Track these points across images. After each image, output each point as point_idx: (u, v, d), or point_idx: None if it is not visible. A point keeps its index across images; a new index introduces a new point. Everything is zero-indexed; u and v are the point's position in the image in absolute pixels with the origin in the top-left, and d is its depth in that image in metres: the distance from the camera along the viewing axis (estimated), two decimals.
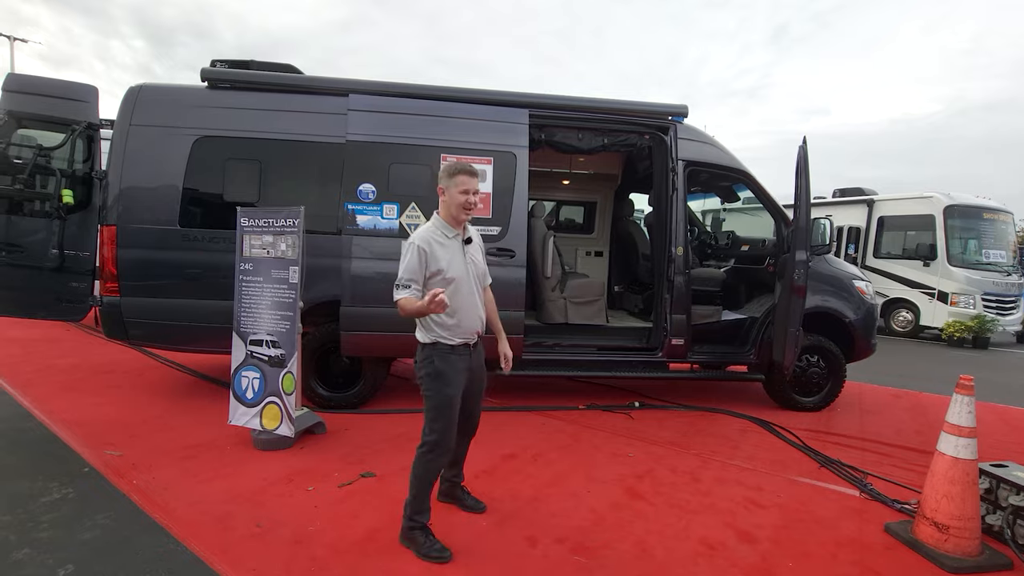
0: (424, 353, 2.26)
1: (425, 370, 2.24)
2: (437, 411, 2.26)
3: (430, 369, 2.24)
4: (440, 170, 2.33)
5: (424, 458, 2.30)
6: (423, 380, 2.25)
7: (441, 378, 2.24)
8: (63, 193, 3.85)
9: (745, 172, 4.60)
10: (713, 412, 4.54)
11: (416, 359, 2.30)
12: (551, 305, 4.73)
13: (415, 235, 2.21)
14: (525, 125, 4.26)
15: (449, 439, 2.31)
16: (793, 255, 3.96)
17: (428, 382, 2.24)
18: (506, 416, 4.24)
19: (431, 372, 2.24)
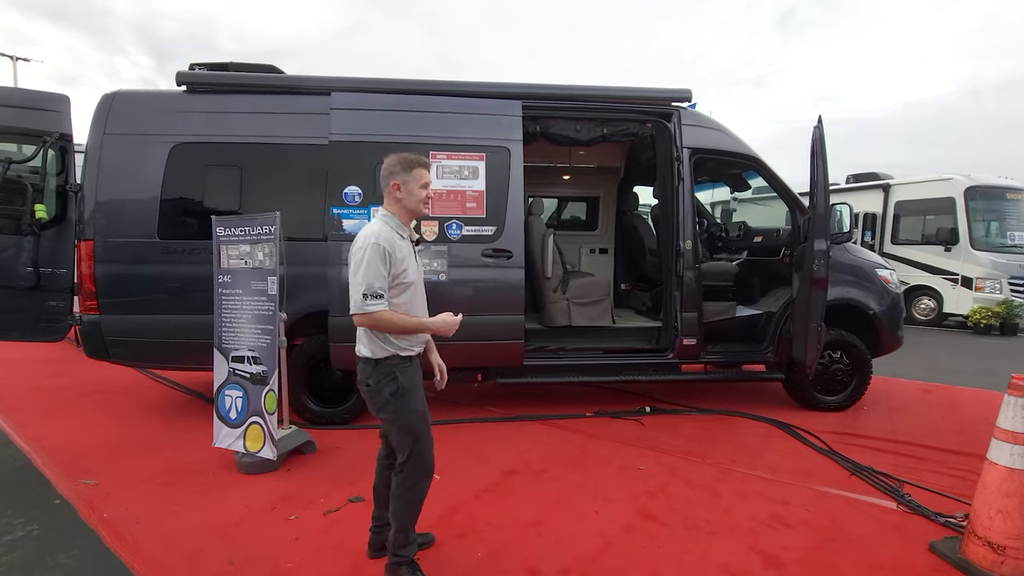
0: (381, 370, 1.97)
1: (388, 389, 1.96)
2: (411, 432, 2.02)
3: (393, 387, 1.97)
4: (389, 162, 2.01)
5: (405, 486, 2.05)
6: (387, 402, 1.97)
7: (408, 394, 1.99)
8: (36, 208, 3.67)
9: (755, 158, 4.31)
10: (730, 416, 4.26)
11: (367, 380, 1.97)
12: (553, 307, 4.48)
13: (370, 233, 1.92)
14: (518, 117, 4.01)
15: (431, 458, 2.08)
16: (812, 244, 3.67)
17: (394, 403, 1.98)
18: (509, 427, 4.00)
19: (395, 390, 1.97)
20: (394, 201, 2.03)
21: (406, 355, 2.00)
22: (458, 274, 3.84)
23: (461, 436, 3.78)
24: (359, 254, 1.90)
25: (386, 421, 2.06)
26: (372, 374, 1.96)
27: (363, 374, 1.99)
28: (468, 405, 4.46)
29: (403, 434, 2.01)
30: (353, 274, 1.89)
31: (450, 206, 3.89)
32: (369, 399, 2.01)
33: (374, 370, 1.96)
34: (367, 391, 1.99)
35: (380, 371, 1.95)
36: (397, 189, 2.01)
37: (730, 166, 4.92)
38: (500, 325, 3.92)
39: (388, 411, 1.99)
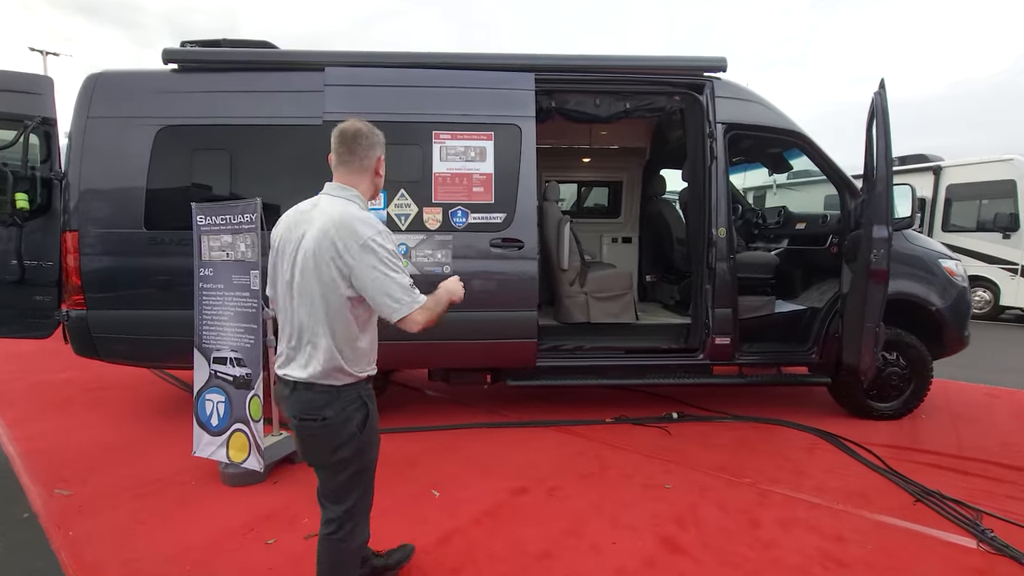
0: (346, 397, 1.55)
1: (357, 419, 1.56)
2: (365, 475, 1.65)
3: (363, 415, 1.58)
4: (370, 132, 1.63)
5: (339, 551, 1.67)
6: (352, 437, 1.55)
7: (374, 426, 1.63)
8: (17, 197, 3.46)
9: (801, 134, 3.80)
10: (768, 424, 3.81)
11: (321, 412, 1.52)
12: (570, 302, 4.09)
13: (373, 220, 1.52)
14: (531, 92, 3.61)
15: (371, 502, 1.75)
16: (869, 231, 3.17)
17: (360, 437, 1.58)
18: (519, 434, 3.65)
19: (365, 419, 1.59)
20: (370, 181, 1.66)
21: (370, 373, 1.63)
22: (463, 266, 3.49)
23: (466, 444, 3.45)
24: (379, 243, 1.47)
25: (332, 466, 1.57)
26: (331, 404, 1.52)
27: (313, 406, 1.51)
28: (476, 408, 4.13)
29: (355, 479, 1.62)
30: (384, 270, 1.46)
31: (455, 191, 3.53)
32: (324, 437, 1.53)
33: (335, 399, 1.53)
34: (323, 427, 1.52)
35: (345, 398, 1.54)
36: (378, 170, 1.66)
37: (770, 144, 4.41)
38: (510, 322, 3.56)
39: (349, 448, 1.55)
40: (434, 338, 3.61)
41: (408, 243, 3.47)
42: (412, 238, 3.48)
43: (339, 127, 1.62)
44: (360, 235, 1.46)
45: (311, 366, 1.52)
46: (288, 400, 1.56)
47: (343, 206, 1.53)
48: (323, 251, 1.47)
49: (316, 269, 1.48)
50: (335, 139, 1.62)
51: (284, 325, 1.58)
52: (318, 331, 1.51)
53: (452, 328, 3.58)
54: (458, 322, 3.55)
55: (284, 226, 1.61)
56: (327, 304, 1.50)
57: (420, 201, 3.49)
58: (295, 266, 1.52)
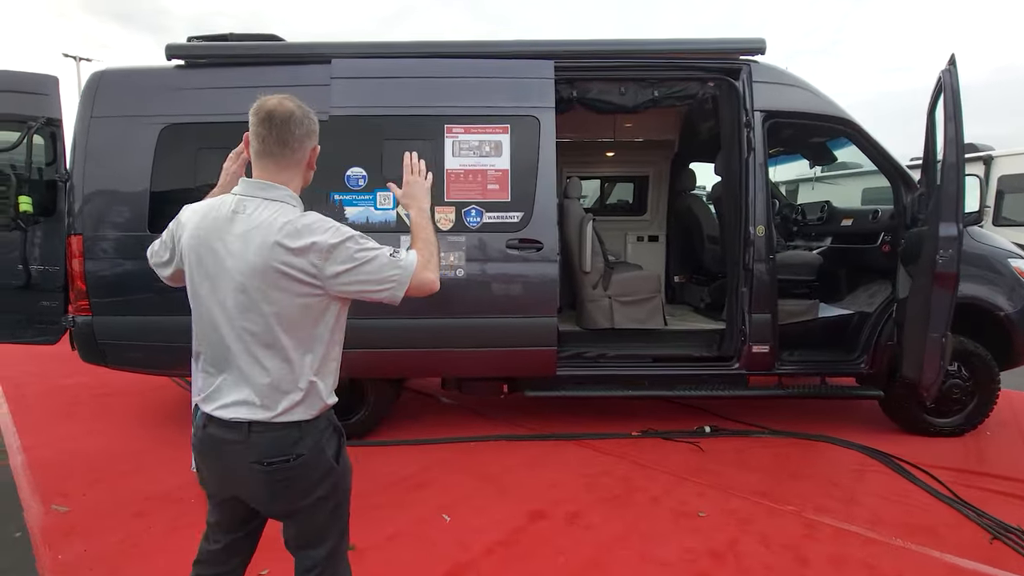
0: (315, 428, 1.28)
1: (331, 450, 1.31)
2: (343, 506, 1.39)
3: (335, 444, 1.33)
4: (304, 116, 1.28)
5: None
6: (328, 471, 1.30)
7: (345, 452, 1.39)
8: (20, 200, 3.38)
9: (849, 120, 3.44)
10: (811, 440, 3.48)
11: (292, 451, 1.24)
12: (592, 306, 3.82)
13: (321, 220, 1.25)
14: (550, 80, 3.34)
15: None
16: (935, 229, 2.80)
17: (341, 467, 1.34)
18: (538, 448, 3.41)
19: (338, 448, 1.34)
20: (301, 178, 1.35)
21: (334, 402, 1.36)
22: (477, 269, 3.26)
23: (481, 459, 3.23)
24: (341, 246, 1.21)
25: (310, 507, 1.30)
26: (303, 439, 1.26)
27: (282, 445, 1.24)
28: (492, 418, 3.90)
29: (336, 514, 1.36)
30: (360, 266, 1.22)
31: (468, 189, 3.29)
32: (300, 479, 1.26)
33: (307, 432, 1.27)
34: (298, 467, 1.25)
35: (316, 429, 1.29)
36: (312, 161, 1.35)
37: (813, 133, 4.04)
38: (528, 329, 3.32)
39: (327, 484, 1.30)
40: (446, 345, 3.44)
41: None
42: None
43: (263, 106, 1.25)
44: (321, 245, 1.20)
45: (272, 400, 1.23)
46: (241, 448, 1.23)
47: (278, 213, 1.22)
48: (274, 276, 1.20)
49: (267, 292, 1.21)
50: (258, 122, 1.25)
51: (217, 357, 1.26)
52: (277, 358, 1.23)
53: (466, 335, 3.37)
54: (472, 329, 3.35)
55: (192, 235, 1.28)
56: (288, 327, 1.23)
57: (431, 200, 3.26)
58: (230, 289, 1.22)
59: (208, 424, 1.27)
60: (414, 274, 1.29)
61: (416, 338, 3.29)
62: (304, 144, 1.30)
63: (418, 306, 3.27)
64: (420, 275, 1.30)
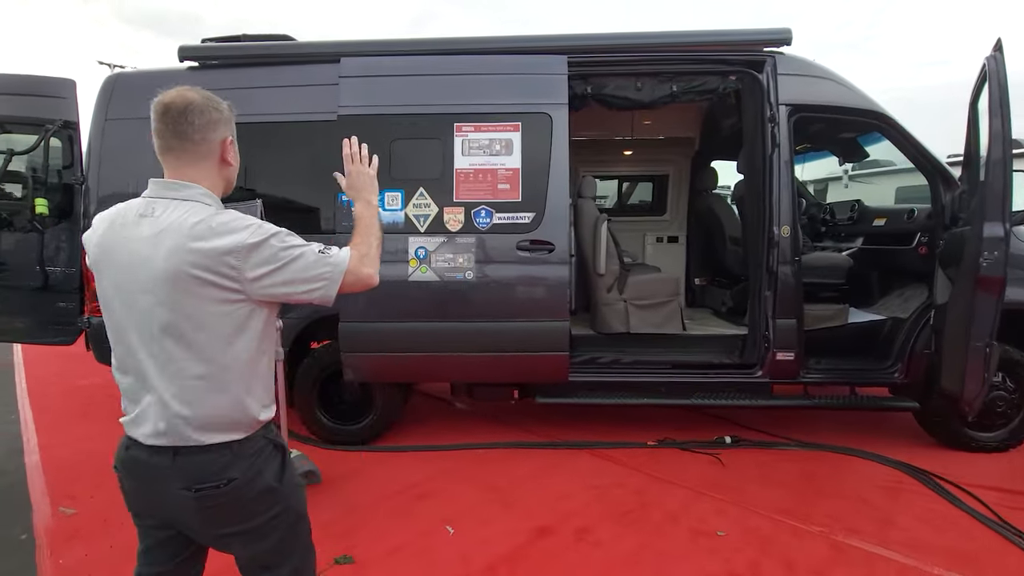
0: (254, 445, 1.18)
1: (270, 472, 1.19)
2: (301, 523, 1.29)
3: (276, 465, 1.22)
4: (209, 104, 1.17)
5: None
6: (268, 493, 1.19)
7: (292, 468, 1.28)
8: (36, 202, 3.42)
9: (882, 114, 3.23)
10: (840, 453, 3.27)
11: (223, 476, 1.14)
12: (607, 310, 3.68)
13: (237, 218, 1.13)
14: (563, 76, 3.22)
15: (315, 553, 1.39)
16: (979, 229, 2.59)
17: (280, 490, 1.21)
18: (549, 457, 3.29)
19: (280, 468, 1.23)
20: (216, 173, 1.21)
21: (272, 417, 1.26)
22: (487, 271, 3.17)
23: (489, 468, 3.13)
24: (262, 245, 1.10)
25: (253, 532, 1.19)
26: (235, 462, 1.15)
27: (211, 470, 1.13)
28: (504, 424, 3.80)
29: (292, 532, 1.26)
30: (286, 264, 1.12)
31: (478, 189, 3.20)
32: (234, 504, 1.15)
33: (239, 455, 1.16)
34: (230, 492, 1.14)
35: (250, 450, 1.17)
36: (227, 153, 1.21)
37: (843, 128, 3.83)
38: (539, 333, 3.21)
39: (269, 507, 1.19)
40: (454, 350, 3.35)
41: (427, 246, 3.18)
42: (431, 241, 3.18)
43: (161, 100, 1.14)
44: (239, 245, 1.08)
45: (195, 422, 1.12)
46: (165, 473, 1.13)
47: (189, 213, 1.11)
48: (188, 282, 1.08)
49: (182, 301, 1.09)
50: (156, 117, 1.14)
51: (136, 378, 1.16)
52: (197, 375, 1.12)
53: (474, 339, 3.28)
54: (481, 333, 3.25)
55: (98, 246, 1.16)
56: (209, 339, 1.12)
57: (440, 200, 3.19)
58: (142, 302, 1.11)
59: (132, 446, 1.17)
60: (348, 270, 1.19)
61: (423, 342, 3.21)
62: (208, 135, 1.16)
63: (426, 309, 3.26)
64: (356, 270, 1.20)
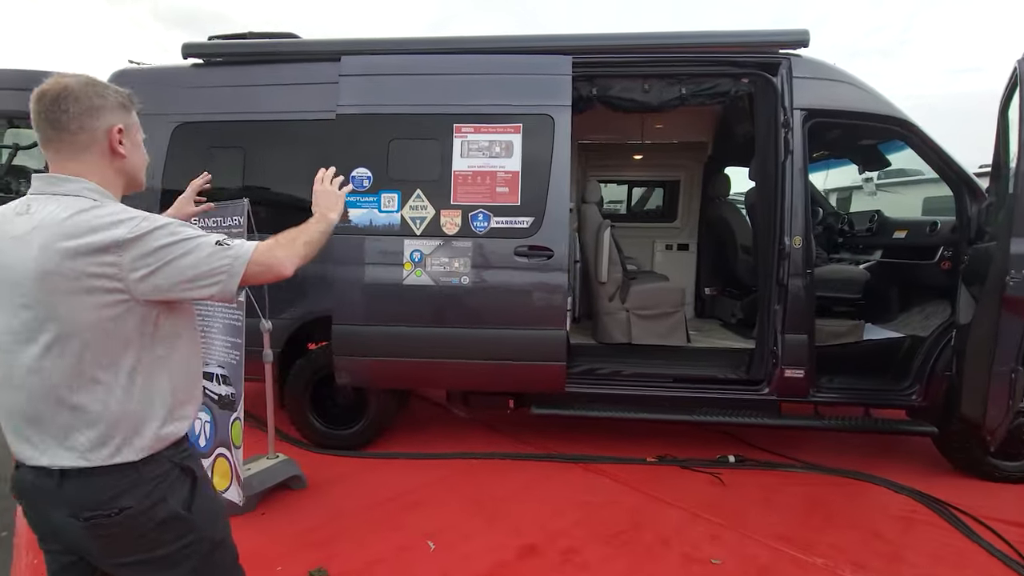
0: (156, 468, 1.08)
1: (175, 499, 1.09)
2: (219, 551, 1.18)
3: (185, 489, 1.11)
4: (90, 91, 1.07)
5: None
6: (177, 521, 1.09)
7: (208, 492, 1.19)
8: None
9: (904, 120, 3.05)
10: (851, 478, 3.10)
11: (131, 501, 1.04)
12: (609, 319, 3.56)
13: (120, 210, 1.04)
14: (567, 77, 3.12)
15: None
16: (1005, 245, 2.40)
17: (196, 515, 1.12)
18: (542, 470, 3.18)
19: (189, 494, 1.12)
20: (106, 164, 1.10)
21: (184, 433, 1.15)
22: (484, 277, 3.08)
23: (481, 479, 3.03)
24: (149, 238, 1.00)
25: (159, 561, 1.09)
26: (130, 490, 1.04)
27: (99, 499, 1.02)
28: (503, 434, 3.70)
29: (209, 563, 1.15)
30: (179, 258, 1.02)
31: (476, 192, 3.11)
32: (130, 534, 1.05)
33: (137, 481, 1.05)
34: (124, 521, 1.03)
35: (150, 475, 1.06)
36: (118, 144, 1.10)
37: (862, 134, 3.65)
38: (535, 342, 3.11)
39: (176, 539, 1.09)
40: (449, 356, 3.26)
41: (423, 249, 3.10)
42: (427, 244, 3.10)
43: (38, 87, 1.06)
44: (118, 241, 0.98)
45: (81, 443, 1.01)
46: (51, 497, 1.03)
47: (64, 207, 1.00)
48: (64, 284, 0.97)
49: (60, 306, 0.98)
50: (31, 109, 1.05)
51: (16, 400, 1.04)
52: (86, 390, 1.01)
53: (469, 346, 3.18)
54: (476, 340, 3.16)
55: None
56: (95, 349, 1.01)
57: (437, 203, 3.11)
58: (15, 310, 0.99)
59: (20, 466, 1.07)
60: (253, 259, 1.08)
61: (416, 347, 3.14)
62: (87, 124, 1.05)
63: (420, 314, 3.18)
64: (264, 258, 1.09)
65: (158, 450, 1.08)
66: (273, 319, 3.07)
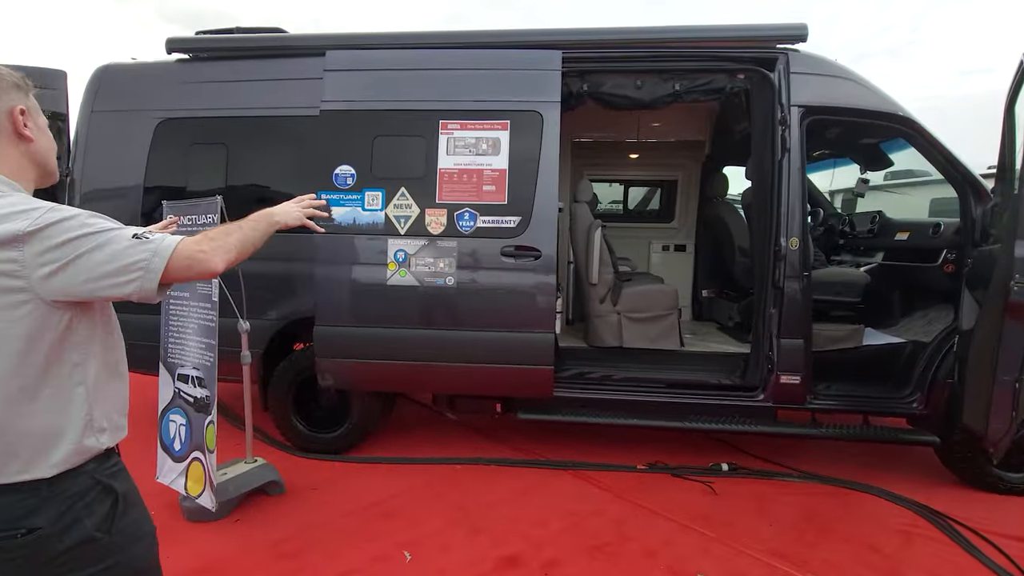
0: (73, 486, 0.98)
1: (95, 518, 0.99)
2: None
3: (104, 509, 1.01)
4: None
5: None
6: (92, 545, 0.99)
7: (134, 513, 1.08)
8: None
9: (907, 118, 2.95)
10: (849, 489, 2.99)
11: (42, 521, 0.94)
12: (600, 322, 3.47)
13: (26, 200, 0.95)
14: (556, 72, 3.03)
15: None
16: (1009, 249, 2.29)
17: (117, 538, 1.02)
18: (530, 478, 3.08)
19: (109, 514, 1.02)
20: (15, 151, 1.02)
21: (108, 446, 1.05)
22: (469, 277, 2.99)
23: (465, 486, 2.94)
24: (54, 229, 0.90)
25: None
26: (41, 508, 0.95)
27: (8, 516, 0.93)
28: (486, 438, 3.61)
29: None
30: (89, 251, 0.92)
31: (462, 190, 3.03)
32: (39, 557, 0.95)
33: (49, 498, 0.96)
34: (33, 543, 0.94)
35: (65, 493, 0.97)
36: (21, 126, 1.02)
37: (864, 133, 3.54)
38: (522, 345, 3.02)
39: (94, 564, 0.99)
40: (433, 359, 3.16)
41: (407, 249, 3.02)
42: (412, 243, 3.02)
43: None
44: (13, 235, 0.89)
45: None
46: None
47: None
48: None
49: None
50: None
51: None
52: None
53: (454, 349, 3.09)
54: (461, 342, 3.07)
55: None
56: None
57: (422, 201, 3.03)
58: None
59: None
60: (177, 252, 0.97)
61: (400, 349, 3.06)
62: (16, 108, 0.99)
63: (404, 315, 3.10)
64: (188, 252, 0.99)
65: (76, 465, 0.99)
66: (255, 319, 3.00)
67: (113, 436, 1.07)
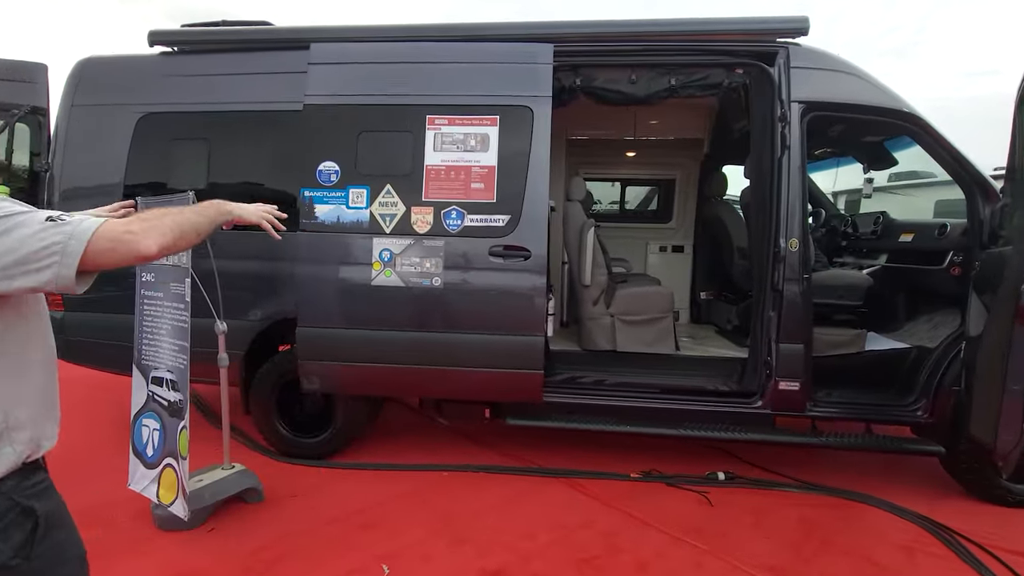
0: None
1: (13, 541, 0.92)
2: None
3: (22, 534, 0.93)
4: None
5: None
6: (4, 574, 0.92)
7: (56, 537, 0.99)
8: None
9: (913, 115, 2.84)
10: (850, 500, 2.87)
11: None
12: (592, 325, 3.36)
13: None
14: (548, 66, 2.93)
15: None
16: (1022, 251, 2.18)
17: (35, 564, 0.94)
18: (519, 486, 2.98)
19: (27, 539, 0.94)
20: None
21: (32, 459, 0.98)
22: (456, 278, 2.89)
23: (451, 494, 2.84)
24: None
25: None
26: None
27: None
28: (477, 444, 3.51)
29: None
30: None
31: (450, 187, 2.92)
32: None
33: None
34: None
35: None
36: None
37: (867, 130, 3.43)
38: (511, 348, 2.92)
39: None
40: (419, 363, 3.06)
41: (392, 248, 2.92)
42: (397, 243, 2.92)
43: None
44: None
45: None
46: None
47: None
48: None
49: None
50: None
51: None
52: None
53: (441, 352, 2.98)
54: (448, 345, 2.97)
55: None
56: None
57: (408, 199, 2.93)
58: None
59: None
60: (99, 234, 0.87)
61: (385, 352, 2.96)
62: None
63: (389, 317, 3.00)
64: (113, 233, 0.88)
65: None
66: (237, 320, 2.91)
67: (28, 449, 0.96)
